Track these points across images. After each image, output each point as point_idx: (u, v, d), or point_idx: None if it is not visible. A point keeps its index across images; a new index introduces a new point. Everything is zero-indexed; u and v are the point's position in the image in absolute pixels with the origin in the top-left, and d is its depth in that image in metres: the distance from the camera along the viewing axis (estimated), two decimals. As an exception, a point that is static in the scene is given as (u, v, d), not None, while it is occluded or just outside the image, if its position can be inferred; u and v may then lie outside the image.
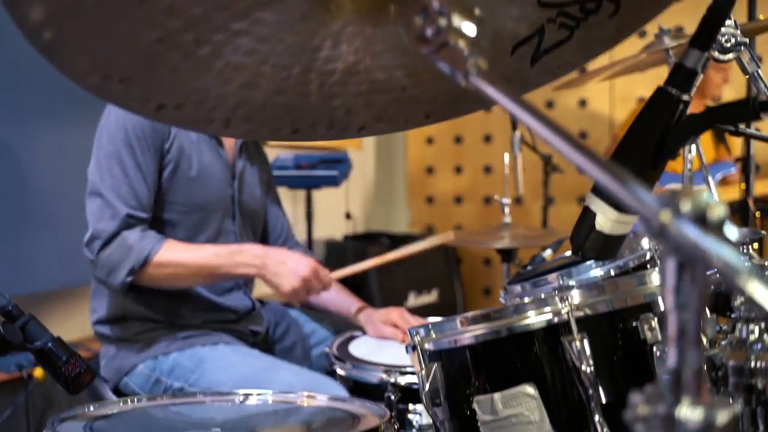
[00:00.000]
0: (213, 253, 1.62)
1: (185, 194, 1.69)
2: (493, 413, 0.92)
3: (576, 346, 0.87)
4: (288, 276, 1.61)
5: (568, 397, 0.89)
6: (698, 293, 0.53)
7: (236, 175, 1.79)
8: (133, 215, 1.59)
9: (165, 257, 1.58)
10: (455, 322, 0.96)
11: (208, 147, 1.72)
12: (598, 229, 0.92)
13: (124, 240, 1.57)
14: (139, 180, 1.60)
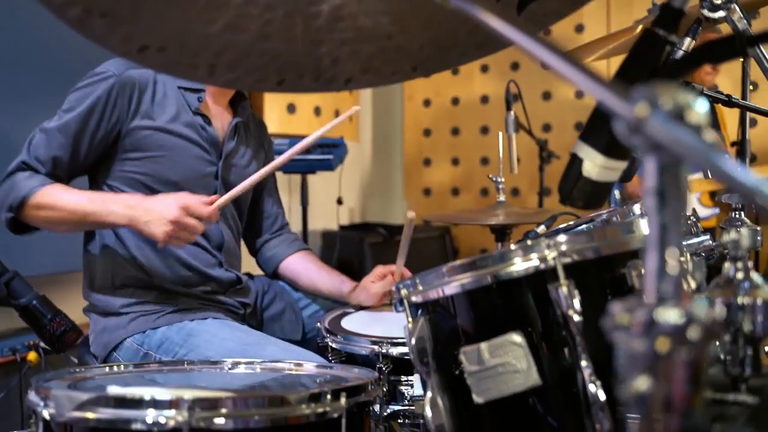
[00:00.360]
0: (88, 198, 1.59)
1: (153, 168, 1.66)
2: (480, 363, 0.91)
3: (563, 292, 0.86)
4: (157, 222, 1.54)
5: (554, 344, 0.88)
6: (679, 194, 0.52)
7: (223, 154, 1.78)
8: (29, 164, 1.61)
9: (42, 199, 1.57)
10: (441, 271, 0.95)
11: (191, 126, 1.70)
12: (586, 175, 0.91)
13: (14, 180, 1.59)
14: (65, 148, 1.61)
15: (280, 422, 0.91)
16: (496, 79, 3.83)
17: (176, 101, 1.70)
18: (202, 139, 1.73)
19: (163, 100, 1.68)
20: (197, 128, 1.72)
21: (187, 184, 1.70)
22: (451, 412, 0.95)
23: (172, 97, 1.70)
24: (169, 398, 0.87)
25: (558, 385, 0.88)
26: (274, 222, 2.00)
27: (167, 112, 1.68)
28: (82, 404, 0.88)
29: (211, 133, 1.75)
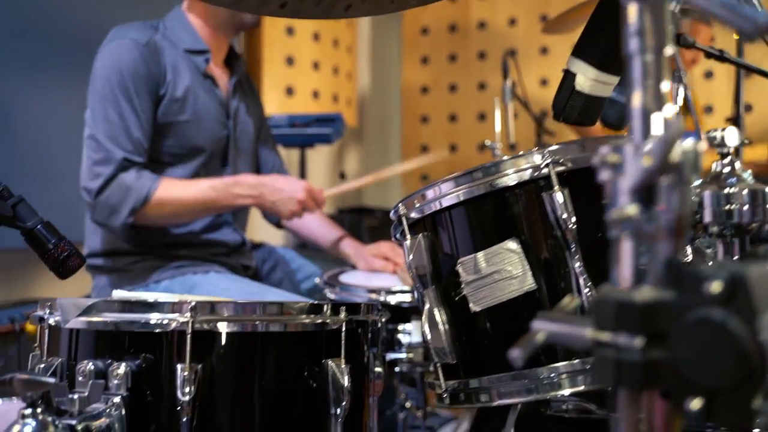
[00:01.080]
0: (209, 186, 1.65)
1: (181, 137, 1.70)
2: (477, 272, 0.94)
3: (557, 198, 0.88)
4: (285, 201, 1.67)
5: (549, 250, 0.91)
6: (660, 33, 0.54)
7: (231, 114, 1.82)
8: (128, 159, 1.61)
9: (164, 195, 1.60)
10: (437, 186, 0.97)
11: (204, 88, 1.74)
12: (578, 89, 0.94)
13: (122, 182, 1.59)
14: (134, 123, 1.62)
15: (280, 329, 0.93)
16: (493, 68, 3.87)
17: (187, 67, 1.73)
18: (213, 101, 1.76)
19: (177, 65, 1.71)
20: (208, 91, 1.75)
21: (208, 147, 1.74)
22: (449, 323, 0.97)
23: (183, 61, 1.72)
24: (173, 301, 0.90)
25: (552, 289, 0.90)
26: (272, 170, 2.02)
27: (184, 77, 1.71)
28: (88, 309, 0.91)
29: (218, 94, 1.78)
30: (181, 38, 1.75)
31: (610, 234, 0.54)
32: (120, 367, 0.87)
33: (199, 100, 1.72)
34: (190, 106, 1.70)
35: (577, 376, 0.88)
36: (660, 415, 0.51)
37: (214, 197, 1.65)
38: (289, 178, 1.78)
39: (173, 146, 1.70)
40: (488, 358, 0.95)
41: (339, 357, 0.98)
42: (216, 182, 1.68)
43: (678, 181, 0.51)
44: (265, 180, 1.72)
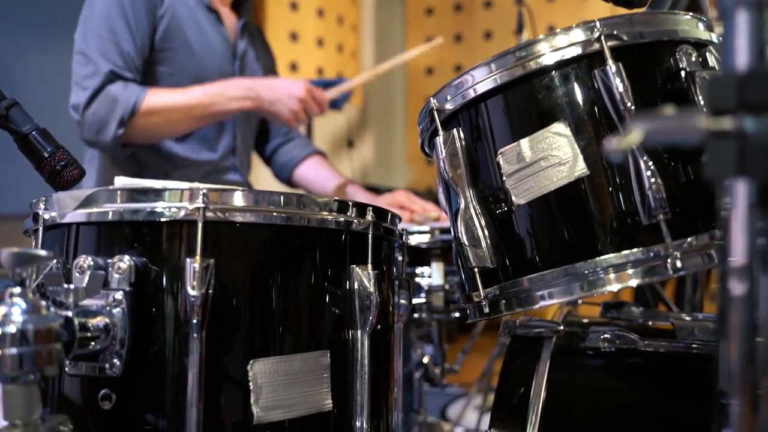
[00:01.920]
0: (201, 92, 1.54)
1: (182, 65, 1.62)
2: (520, 161, 0.84)
3: (611, 69, 0.79)
4: (284, 100, 1.54)
5: (602, 130, 0.81)
6: None
7: (237, 55, 1.74)
8: (116, 72, 1.52)
9: (153, 102, 1.50)
10: (471, 72, 0.88)
11: (208, 21, 1.67)
12: (631, -40, 0.85)
13: (108, 93, 1.50)
14: (126, 38, 1.53)
15: (303, 223, 0.83)
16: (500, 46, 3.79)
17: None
18: (218, 36, 1.68)
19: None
20: (214, 25, 1.67)
21: (210, 80, 1.65)
22: (488, 223, 0.88)
23: None
24: (183, 187, 0.80)
25: (607, 175, 0.81)
26: (281, 125, 1.93)
27: (188, 5, 1.63)
28: (87, 199, 0.81)
29: (223, 31, 1.70)
30: None
31: (719, 8, 0.45)
32: (122, 260, 0.77)
33: (203, 31, 1.64)
34: (193, 35, 1.61)
35: (626, 269, 0.79)
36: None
37: (207, 101, 1.54)
38: (285, 79, 1.66)
39: (175, 75, 1.61)
40: (531, 257, 0.85)
41: (366, 263, 0.88)
42: (208, 87, 1.57)
43: None
44: (261, 81, 1.60)
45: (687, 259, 0.77)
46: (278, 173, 1.95)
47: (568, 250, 0.82)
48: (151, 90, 1.53)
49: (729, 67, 0.44)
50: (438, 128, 0.91)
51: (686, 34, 0.84)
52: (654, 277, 0.78)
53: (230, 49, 1.72)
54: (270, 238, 0.82)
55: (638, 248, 0.78)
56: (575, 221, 0.82)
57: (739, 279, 0.44)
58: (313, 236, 0.85)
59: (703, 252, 0.79)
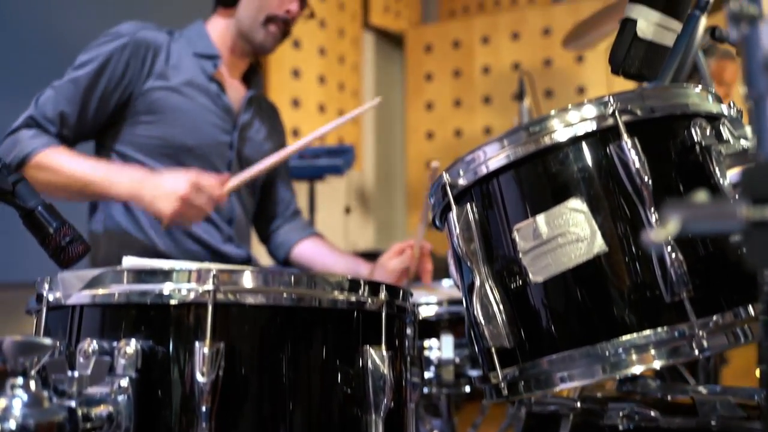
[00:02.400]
0: (92, 166, 1.48)
1: (168, 135, 1.61)
2: (537, 238, 0.83)
3: (626, 144, 0.78)
4: (164, 198, 1.40)
5: (620, 207, 0.80)
6: None
7: (237, 125, 1.74)
8: (36, 120, 1.53)
9: (44, 160, 1.48)
10: (484, 148, 0.87)
11: (206, 91, 1.67)
12: (641, 36, 0.86)
13: (17, 136, 1.51)
14: (73, 102, 1.55)
15: (312, 303, 0.81)
16: (499, 111, 3.84)
17: (191, 66, 1.67)
18: (217, 106, 1.69)
19: (178, 63, 1.65)
20: (212, 95, 1.68)
21: (201, 150, 1.64)
22: (504, 300, 0.85)
23: (187, 62, 1.67)
24: (193, 268, 0.78)
25: (627, 251, 0.79)
26: (287, 207, 1.93)
27: (182, 75, 1.64)
28: (93, 280, 0.79)
29: (225, 101, 1.71)
30: (194, 43, 1.71)
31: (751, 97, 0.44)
32: (129, 344, 0.74)
33: (197, 100, 1.64)
34: (184, 101, 1.62)
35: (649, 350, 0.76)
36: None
37: (91, 179, 1.46)
38: (176, 173, 1.46)
39: (159, 140, 1.60)
40: (550, 336, 0.82)
41: (379, 344, 0.85)
42: (102, 165, 1.51)
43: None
44: (151, 176, 1.47)
45: (712, 338, 0.75)
46: (274, 252, 1.92)
47: (589, 330, 0.80)
48: (55, 148, 1.51)
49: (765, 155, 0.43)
50: (451, 203, 0.90)
51: (698, 108, 0.84)
52: (679, 359, 0.76)
53: (230, 118, 1.72)
54: (280, 320, 0.80)
55: (661, 327, 0.76)
56: (595, 299, 0.80)
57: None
58: (324, 316, 0.82)
59: (728, 330, 0.76)
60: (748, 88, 0.45)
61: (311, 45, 3.49)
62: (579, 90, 3.65)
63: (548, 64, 3.71)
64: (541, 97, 3.71)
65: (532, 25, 3.79)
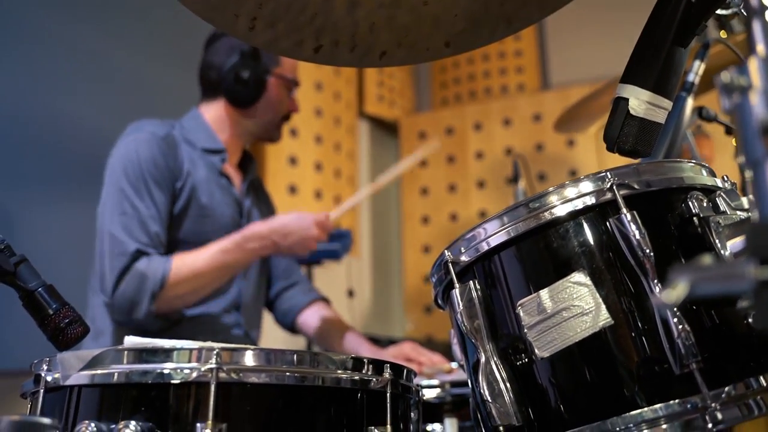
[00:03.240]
0: (220, 250, 1.55)
1: (196, 230, 1.65)
2: (541, 312, 0.82)
3: (626, 217, 0.80)
4: (301, 243, 1.61)
5: (623, 280, 0.80)
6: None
7: (244, 213, 1.77)
8: (142, 250, 1.53)
9: (179, 272, 1.51)
10: (486, 222, 0.88)
11: (218, 185, 1.72)
12: (632, 113, 0.89)
13: (135, 271, 1.51)
14: (151, 216, 1.56)
15: (316, 382, 0.79)
16: (493, 195, 3.90)
17: (204, 162, 1.71)
18: (229, 198, 1.73)
19: (194, 160, 1.69)
20: (225, 189, 1.73)
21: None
22: (511, 378, 0.84)
23: (199, 158, 1.71)
24: (194, 347, 0.77)
25: (632, 323, 0.78)
26: (286, 268, 1.93)
27: (201, 173, 1.68)
28: (93, 360, 0.77)
29: (234, 193, 1.75)
30: (198, 137, 1.75)
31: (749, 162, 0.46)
32: (129, 426, 0.72)
33: (215, 196, 1.68)
34: (206, 201, 1.66)
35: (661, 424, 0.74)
36: None
37: (228, 259, 1.56)
38: (297, 216, 1.67)
39: (188, 241, 1.63)
40: (559, 413, 0.80)
41: (384, 425, 0.83)
42: (225, 242, 1.59)
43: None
44: (274, 225, 1.63)
45: (725, 410, 0.73)
46: (281, 319, 1.92)
47: (598, 405, 0.78)
48: (175, 258, 1.54)
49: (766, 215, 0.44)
50: (453, 281, 0.90)
51: (693, 181, 0.85)
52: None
53: (238, 209, 1.76)
54: (283, 399, 0.78)
55: (672, 401, 0.75)
56: (603, 373, 0.78)
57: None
58: (328, 396, 0.81)
59: (740, 402, 0.75)
60: (745, 155, 0.46)
61: (308, 133, 3.58)
62: (571, 172, 3.72)
63: (540, 149, 3.80)
64: (535, 180, 3.78)
65: (522, 111, 3.91)
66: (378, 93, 4.22)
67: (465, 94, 4.40)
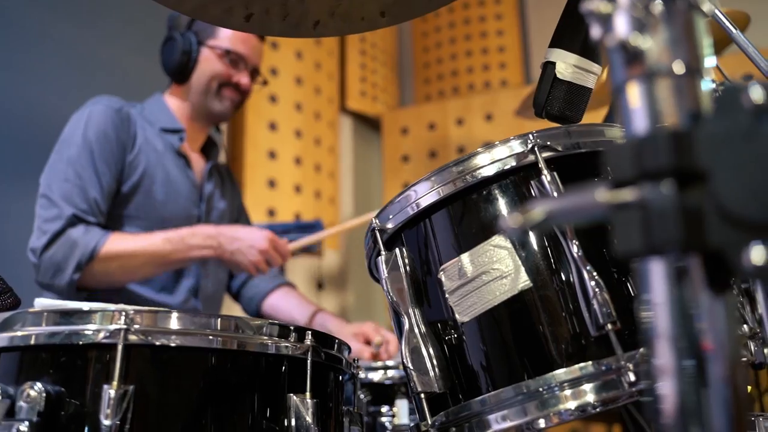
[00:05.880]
0: (163, 239, 1.53)
1: (148, 207, 1.63)
2: (462, 277, 0.81)
3: (546, 179, 0.79)
4: (245, 251, 1.53)
5: (543, 242, 0.79)
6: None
7: (204, 197, 1.76)
8: (79, 216, 1.51)
9: (112, 248, 1.48)
10: (410, 187, 0.87)
11: (176, 165, 1.70)
12: (559, 77, 0.88)
13: (68, 237, 1.48)
14: (93, 183, 1.55)
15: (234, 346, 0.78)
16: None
17: (161, 141, 1.70)
18: (186, 179, 1.71)
19: (150, 138, 1.68)
20: (182, 169, 1.71)
21: (175, 222, 1.65)
22: (433, 344, 0.83)
23: (156, 137, 1.70)
24: (105, 309, 0.75)
25: (550, 285, 0.77)
26: None
27: (157, 151, 1.67)
28: (3, 323, 0.76)
29: (191, 176, 1.74)
30: (158, 118, 1.74)
31: (614, 85, 0.45)
32: (33, 388, 0.71)
33: (170, 175, 1.66)
34: (160, 178, 1.64)
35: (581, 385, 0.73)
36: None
37: (168, 249, 1.52)
38: (251, 228, 1.65)
39: (139, 217, 1.61)
40: (480, 378, 0.79)
41: (304, 392, 0.82)
42: (171, 234, 1.56)
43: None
44: (224, 230, 1.59)
45: (640, 371, 0.72)
46: (246, 307, 1.91)
47: (518, 368, 0.77)
48: (113, 235, 1.52)
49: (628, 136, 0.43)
50: (381, 248, 0.89)
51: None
52: (610, 392, 0.73)
53: (197, 192, 1.74)
54: (197, 365, 0.77)
55: (589, 362, 0.73)
56: (522, 336, 0.77)
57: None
58: (245, 360, 0.79)
59: (658, 366, 0.74)
60: (612, 80, 0.45)
61: (287, 127, 3.57)
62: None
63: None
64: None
65: (504, 106, 3.90)
66: (360, 89, 4.21)
67: (448, 89, 4.39)
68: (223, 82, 1.76)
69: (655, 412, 0.40)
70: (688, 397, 0.39)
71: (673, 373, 0.40)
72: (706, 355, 0.39)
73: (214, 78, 1.75)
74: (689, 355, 0.39)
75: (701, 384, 0.39)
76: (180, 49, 1.73)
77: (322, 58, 3.91)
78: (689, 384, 0.39)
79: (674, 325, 0.40)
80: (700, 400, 0.39)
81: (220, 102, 1.77)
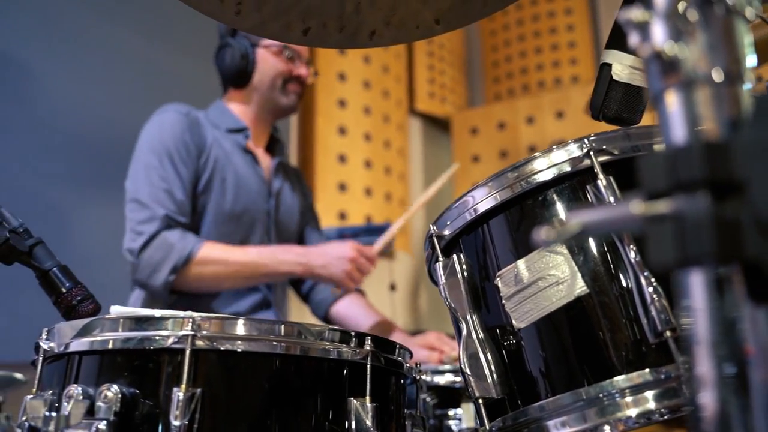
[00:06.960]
0: (255, 252, 1.61)
1: (220, 203, 1.71)
2: (518, 283, 0.81)
3: (602, 184, 0.78)
4: (336, 263, 1.59)
5: (599, 248, 0.78)
6: None
7: (272, 192, 1.83)
8: (171, 217, 1.60)
9: (207, 255, 1.57)
10: (467, 194, 0.88)
11: (245, 162, 1.78)
12: (616, 79, 0.87)
13: (165, 239, 1.57)
14: (177, 186, 1.64)
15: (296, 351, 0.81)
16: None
17: (229, 141, 1.78)
18: (255, 175, 1.79)
19: (219, 139, 1.76)
20: (251, 165, 1.79)
21: (248, 217, 1.73)
22: (491, 350, 0.83)
23: (223, 138, 1.78)
24: (176, 315, 0.80)
25: (607, 291, 0.76)
26: None
27: (225, 150, 1.75)
28: (84, 329, 0.82)
29: (260, 171, 1.81)
30: (222, 121, 1.82)
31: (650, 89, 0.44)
32: (111, 389, 0.76)
33: (240, 171, 1.74)
34: (230, 175, 1.71)
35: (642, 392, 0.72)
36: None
37: (259, 262, 1.59)
38: (334, 242, 1.71)
39: (213, 212, 1.69)
40: (538, 384, 0.79)
41: (364, 396, 0.84)
42: (262, 248, 1.65)
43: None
44: (312, 248, 1.67)
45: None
46: (315, 310, 1.96)
47: (577, 374, 0.76)
48: (208, 242, 1.60)
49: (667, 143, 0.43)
50: (438, 255, 0.90)
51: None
52: (672, 400, 0.71)
53: (266, 187, 1.81)
54: (263, 369, 0.80)
55: (648, 369, 0.72)
56: (580, 343, 0.77)
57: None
58: (307, 365, 0.82)
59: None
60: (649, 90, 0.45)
61: (356, 131, 3.62)
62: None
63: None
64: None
65: (576, 102, 3.82)
66: (429, 90, 4.22)
67: (518, 88, 4.34)
68: (286, 78, 1.83)
69: (696, 421, 0.40)
70: (730, 405, 0.38)
71: (714, 380, 0.39)
72: (747, 361, 0.38)
73: (278, 75, 1.83)
74: (730, 362, 0.39)
75: (743, 391, 0.38)
76: (238, 54, 1.80)
77: (389, 61, 3.94)
78: (730, 391, 0.38)
79: (714, 333, 0.39)
80: (742, 408, 0.38)
81: (286, 97, 1.85)
